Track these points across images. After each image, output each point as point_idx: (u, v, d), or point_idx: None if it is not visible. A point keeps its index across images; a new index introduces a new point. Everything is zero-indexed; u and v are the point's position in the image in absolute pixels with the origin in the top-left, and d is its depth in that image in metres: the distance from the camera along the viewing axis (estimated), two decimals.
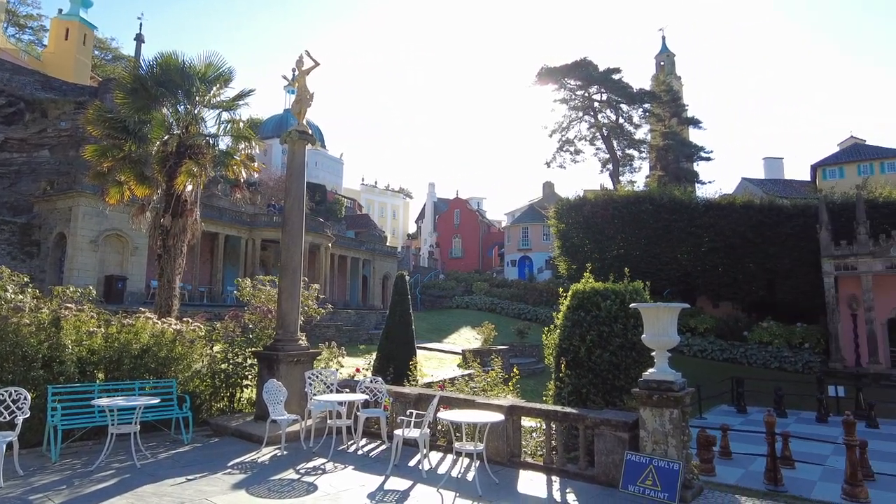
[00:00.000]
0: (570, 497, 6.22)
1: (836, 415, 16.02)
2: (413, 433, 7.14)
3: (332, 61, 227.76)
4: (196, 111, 14.33)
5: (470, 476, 6.75)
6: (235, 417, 10.18)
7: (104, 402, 7.41)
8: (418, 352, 27.77)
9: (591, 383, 8.85)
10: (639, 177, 52.88)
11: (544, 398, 9.74)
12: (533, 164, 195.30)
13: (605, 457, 6.51)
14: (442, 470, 7.26)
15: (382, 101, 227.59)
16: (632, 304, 7.33)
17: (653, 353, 6.53)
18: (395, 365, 12.71)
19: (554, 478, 6.87)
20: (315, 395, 9.05)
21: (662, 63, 63.22)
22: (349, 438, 8.81)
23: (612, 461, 6.44)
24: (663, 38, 64.25)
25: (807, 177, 55.46)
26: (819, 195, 30.19)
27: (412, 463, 7.49)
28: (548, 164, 53.82)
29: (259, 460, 7.73)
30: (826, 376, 20.40)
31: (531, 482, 6.78)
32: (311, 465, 7.52)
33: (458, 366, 24.57)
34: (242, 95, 14.65)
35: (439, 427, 8.79)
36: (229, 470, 7.18)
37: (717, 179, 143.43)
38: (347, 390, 9.71)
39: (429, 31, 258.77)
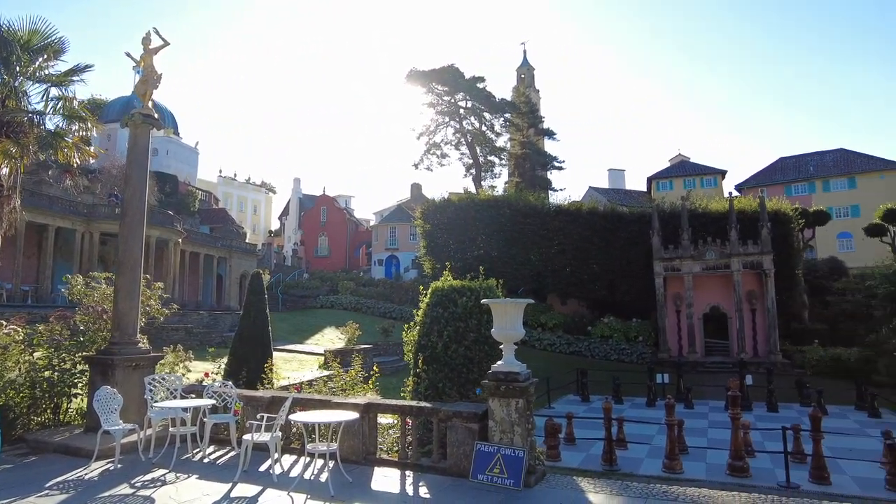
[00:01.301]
0: (423, 490, 6.37)
1: (662, 399, 18.05)
2: (264, 437, 6.86)
3: (191, 46, 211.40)
4: (16, 83, 12.47)
5: (323, 477, 6.65)
6: (60, 431, 9.04)
7: None
8: (277, 354, 26.67)
9: (447, 377, 9.12)
10: (499, 182, 55.65)
11: (402, 394, 9.86)
12: (402, 164, 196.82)
13: (456, 448, 6.75)
14: (294, 473, 7.07)
15: (246, 92, 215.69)
16: (482, 300, 7.68)
17: (501, 347, 6.90)
18: (249, 368, 12.07)
19: (408, 472, 7.00)
20: (157, 402, 8.35)
21: (523, 76, 66.91)
22: (195, 447, 8.24)
23: (463, 452, 6.71)
24: (524, 51, 68.18)
25: (644, 187, 62.11)
26: (652, 204, 33.82)
27: (263, 468, 7.20)
28: (416, 166, 54.63)
29: (87, 477, 6.94)
30: (655, 365, 22.96)
31: (386, 478, 6.84)
32: (148, 477, 6.91)
33: (320, 367, 24.02)
34: (77, 71, 12.98)
35: (294, 430, 8.55)
36: (47, 491, 6.36)
37: (567, 187, 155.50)
38: (193, 396, 9.07)
39: (297, 24, 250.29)
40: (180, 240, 38.81)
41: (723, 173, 57.60)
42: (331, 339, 33.19)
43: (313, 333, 35.08)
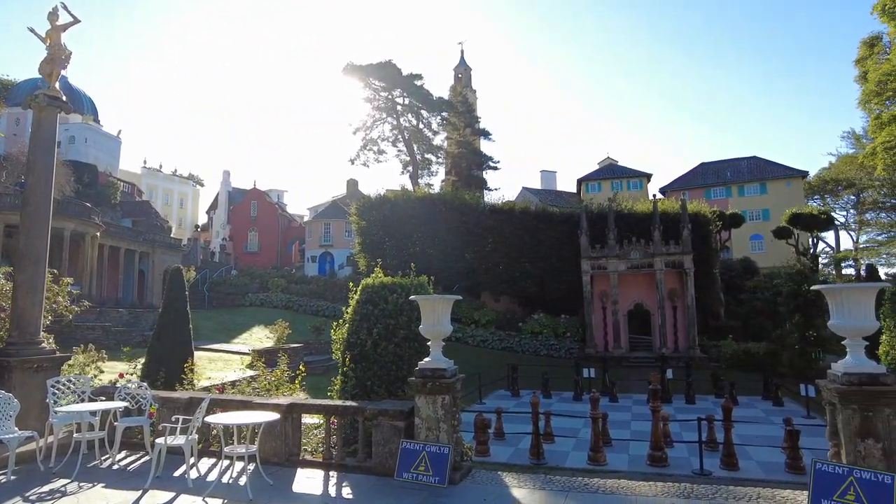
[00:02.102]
0: (346, 491, 6.25)
1: (588, 393, 18.61)
2: (179, 440, 6.51)
3: (117, 32, 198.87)
4: None
5: (242, 480, 6.39)
6: None
7: None
8: (201, 354, 25.68)
9: (375, 376, 9.01)
10: (436, 181, 55.67)
11: (329, 394, 9.66)
12: (338, 160, 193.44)
13: (382, 447, 6.67)
14: (212, 477, 6.76)
15: (175, 82, 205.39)
16: (411, 297, 7.63)
17: (428, 343, 6.87)
18: (168, 369, 11.48)
19: (332, 473, 6.85)
20: (62, 406, 7.76)
21: (460, 75, 67.30)
22: (104, 453, 7.73)
23: (388, 451, 6.63)
24: (462, 51, 68.56)
25: (574, 189, 64.00)
26: (581, 205, 34.87)
27: (178, 473, 6.84)
28: (352, 162, 53.78)
29: None
30: (582, 360, 23.70)
31: (308, 480, 6.66)
32: (46, 488, 6.41)
33: (248, 367, 23.23)
34: None
35: (214, 432, 8.19)
36: None
37: (502, 187, 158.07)
38: (103, 398, 8.51)
39: (229, 12, 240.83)
40: (98, 233, 36.47)
41: (648, 177, 60.25)
42: (259, 338, 32.19)
43: (241, 332, 33.95)
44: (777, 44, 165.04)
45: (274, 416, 6.61)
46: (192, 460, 6.66)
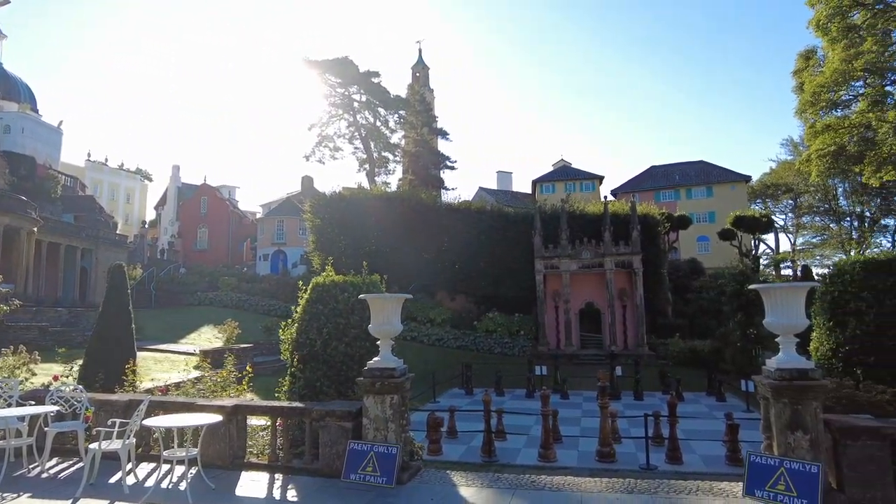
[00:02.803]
0: (291, 493, 6.12)
1: (540, 390, 18.87)
2: (115, 445, 6.23)
3: (62, 21, 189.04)
4: None
5: (182, 486, 6.17)
6: None
7: None
8: (146, 354, 24.80)
9: (325, 376, 8.86)
10: (393, 179, 55.38)
11: (277, 395, 9.45)
12: (292, 156, 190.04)
13: (329, 448, 6.56)
14: (150, 483, 6.48)
15: (123, 73, 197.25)
16: (360, 295, 7.52)
17: (378, 343, 6.80)
18: (108, 370, 10.98)
19: (278, 476, 6.69)
20: None
21: (418, 74, 67.12)
22: (32, 461, 7.32)
23: (335, 452, 6.53)
24: (420, 50, 68.36)
25: (529, 189, 64.88)
26: (536, 206, 35.33)
27: (114, 479, 6.54)
28: (307, 158, 52.86)
29: None
30: (535, 358, 24.02)
31: (253, 483, 6.49)
32: None
33: (195, 367, 22.58)
34: None
35: (155, 435, 7.88)
36: None
37: (459, 187, 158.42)
38: (33, 402, 8.06)
39: (180, 2, 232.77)
40: (35, 228, 34.64)
41: (600, 179, 61.66)
42: (208, 338, 31.31)
43: (189, 332, 32.94)
44: (724, 53, 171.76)
45: (217, 417, 6.41)
46: (129, 466, 6.39)
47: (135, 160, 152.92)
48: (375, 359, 6.70)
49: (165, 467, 6.78)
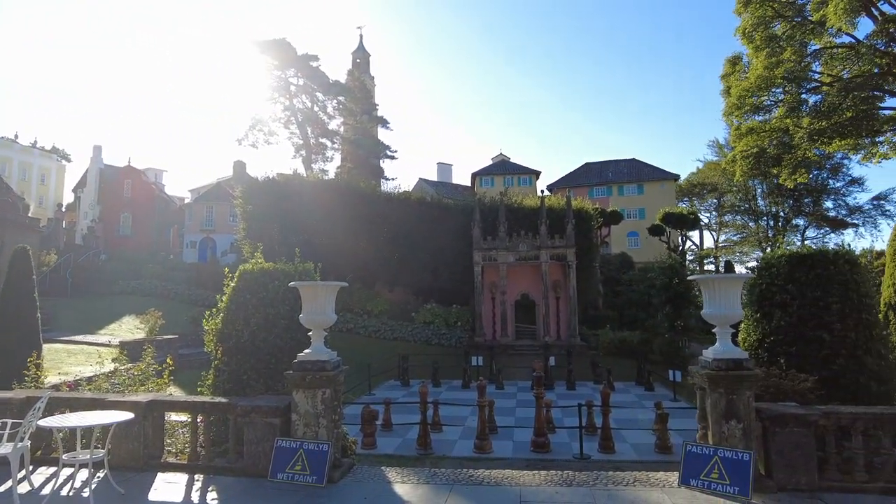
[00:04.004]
0: (211, 496, 5.65)
1: (476, 381, 18.88)
2: (4, 449, 5.54)
3: None
4: None
5: (86, 492, 5.56)
6: None
7: None
8: (59, 346, 23.08)
9: (252, 369, 8.34)
10: (331, 167, 54.04)
11: (200, 389, 8.84)
12: (224, 140, 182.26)
13: (255, 446, 6.12)
14: (49, 489, 5.83)
15: (39, 45, 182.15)
16: (290, 283, 7.07)
17: (310, 334, 6.40)
18: (8, 363, 10.00)
19: (198, 476, 6.19)
20: None
21: (358, 60, 65.74)
22: None
23: (262, 450, 6.10)
24: (361, 36, 66.94)
25: (469, 182, 65.15)
26: (475, 198, 35.42)
27: (4, 488, 5.83)
28: (239, 142, 50.71)
29: None
30: (471, 349, 24.08)
31: (169, 485, 5.96)
32: None
33: (113, 360, 21.14)
34: None
35: (61, 435, 7.14)
36: None
37: (399, 177, 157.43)
38: None
39: None
40: None
41: (537, 174, 62.73)
42: (130, 328, 29.52)
43: (109, 322, 30.94)
44: (659, 54, 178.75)
45: (128, 415, 5.82)
46: (21, 472, 5.70)
47: (51, 139, 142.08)
48: (307, 351, 6.30)
49: (68, 472, 6.12)
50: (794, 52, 27.68)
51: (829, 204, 53.40)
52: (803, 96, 28.70)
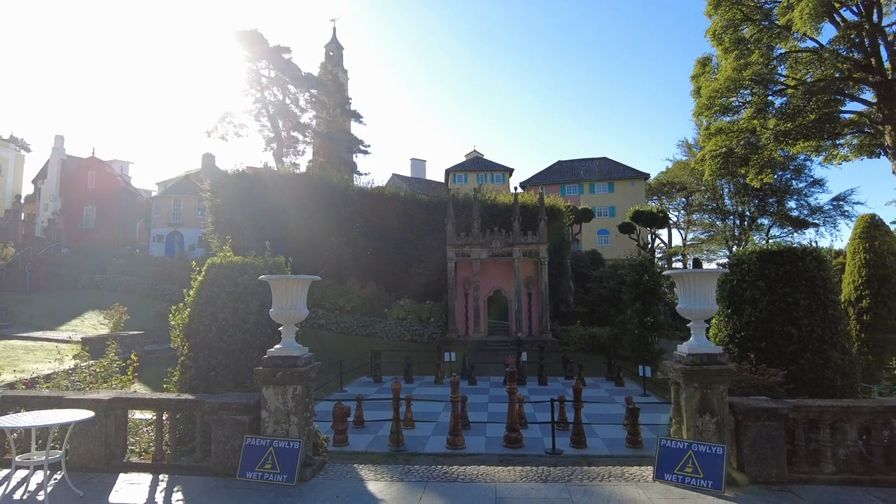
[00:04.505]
0: (176, 497, 5.43)
1: (449, 377, 18.82)
2: None
3: None
4: None
5: (41, 495, 5.30)
6: None
7: None
8: (16, 342, 22.26)
9: (221, 365, 8.10)
10: (302, 161, 53.29)
11: (166, 386, 8.55)
12: (194, 132, 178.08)
13: (223, 444, 5.92)
14: (0, 492, 5.54)
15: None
16: (261, 277, 6.86)
17: (280, 328, 6.22)
18: None
19: (163, 476, 5.96)
20: None
21: (332, 53, 64.88)
22: None
23: (230, 448, 5.90)
24: (334, 29, 66.05)
25: (443, 178, 65.05)
26: (449, 194, 35.33)
27: None
28: (209, 134, 49.48)
29: None
30: (444, 345, 24.00)
31: (132, 486, 5.72)
32: None
33: (75, 357, 20.49)
34: None
35: (15, 435, 6.80)
36: None
37: (372, 172, 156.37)
38: None
39: None
40: None
41: (510, 171, 62.99)
42: (93, 324, 28.62)
43: (71, 318, 29.94)
44: (633, 55, 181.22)
45: (88, 413, 5.57)
46: None
47: (8, 127, 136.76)
48: (277, 346, 6.11)
49: (22, 474, 5.83)
50: (761, 55, 28.33)
51: (792, 204, 54.94)
52: (770, 98, 29.39)
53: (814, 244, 8.37)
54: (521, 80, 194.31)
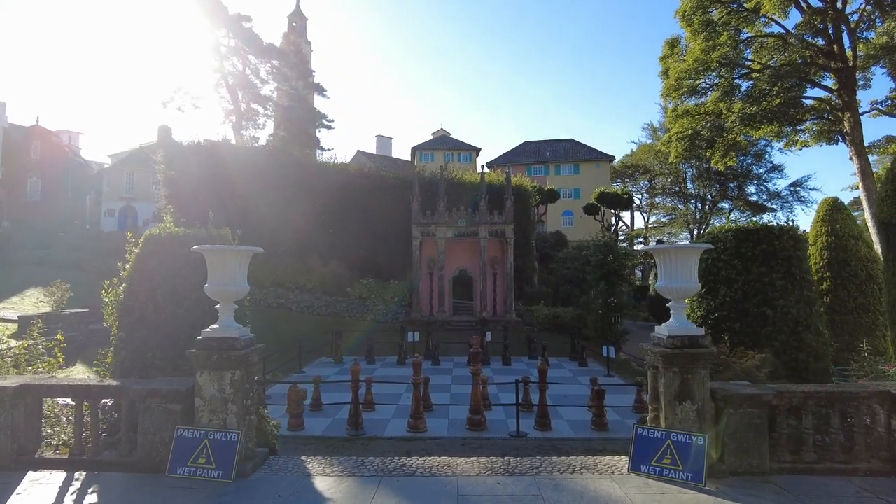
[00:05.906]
0: (91, 498, 4.74)
1: (412, 357, 18.31)
2: None
3: None
4: None
5: None
6: None
7: None
8: None
9: (159, 346, 7.34)
10: (262, 134, 51.51)
11: (96, 369, 7.76)
12: (149, 103, 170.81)
13: (151, 436, 5.24)
14: None
15: None
16: (194, 247, 6.11)
17: (217, 307, 5.53)
18: None
19: (80, 473, 5.24)
20: None
21: (295, 24, 62.56)
22: None
23: (160, 440, 5.23)
24: None
25: (409, 156, 63.97)
26: (414, 172, 34.54)
27: None
28: (164, 105, 47.06)
29: None
30: (408, 325, 23.48)
31: (39, 487, 4.99)
32: None
33: (11, 336, 19.29)
34: None
35: None
36: None
37: (336, 148, 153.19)
38: None
39: None
40: None
41: (477, 150, 62.37)
42: (34, 301, 27.07)
43: (10, 296, 28.25)
44: (599, 36, 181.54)
45: None
46: None
47: None
48: (213, 326, 5.43)
49: None
50: (729, 38, 28.28)
51: (752, 189, 55.98)
52: (736, 81, 29.46)
53: (791, 223, 8.02)
54: (491, 58, 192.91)
